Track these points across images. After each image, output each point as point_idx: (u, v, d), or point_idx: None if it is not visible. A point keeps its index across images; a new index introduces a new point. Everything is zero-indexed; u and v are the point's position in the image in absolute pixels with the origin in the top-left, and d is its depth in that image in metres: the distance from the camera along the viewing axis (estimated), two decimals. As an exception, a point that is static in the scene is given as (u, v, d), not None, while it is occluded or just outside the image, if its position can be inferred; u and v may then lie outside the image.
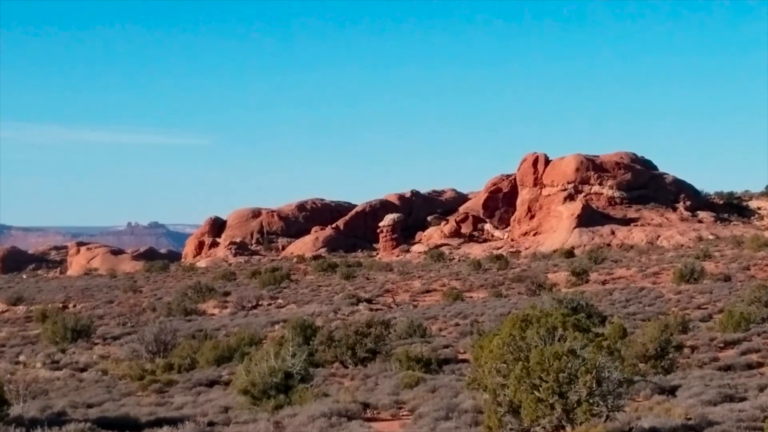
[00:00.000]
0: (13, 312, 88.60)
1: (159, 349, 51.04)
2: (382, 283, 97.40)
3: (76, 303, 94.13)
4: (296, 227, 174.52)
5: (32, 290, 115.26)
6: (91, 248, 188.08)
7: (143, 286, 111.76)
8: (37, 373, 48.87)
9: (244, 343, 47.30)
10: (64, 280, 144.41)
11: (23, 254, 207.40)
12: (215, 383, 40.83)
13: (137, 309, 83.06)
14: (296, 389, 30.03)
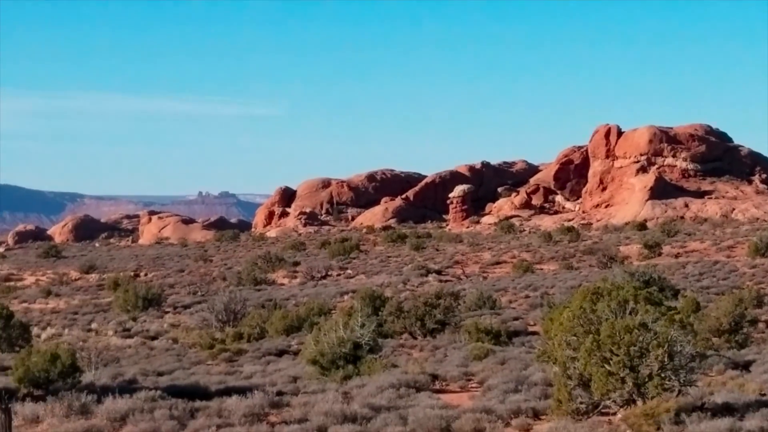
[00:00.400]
0: (86, 280, 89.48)
1: (229, 318, 51.26)
2: (451, 254, 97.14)
3: (147, 272, 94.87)
4: (366, 198, 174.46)
5: (104, 259, 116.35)
6: (162, 217, 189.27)
7: (213, 256, 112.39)
8: (109, 340, 49.31)
9: (313, 313, 47.37)
10: (136, 249, 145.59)
11: (96, 223, 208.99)
12: (284, 353, 40.93)
13: (207, 278, 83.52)
14: (365, 360, 29.97)
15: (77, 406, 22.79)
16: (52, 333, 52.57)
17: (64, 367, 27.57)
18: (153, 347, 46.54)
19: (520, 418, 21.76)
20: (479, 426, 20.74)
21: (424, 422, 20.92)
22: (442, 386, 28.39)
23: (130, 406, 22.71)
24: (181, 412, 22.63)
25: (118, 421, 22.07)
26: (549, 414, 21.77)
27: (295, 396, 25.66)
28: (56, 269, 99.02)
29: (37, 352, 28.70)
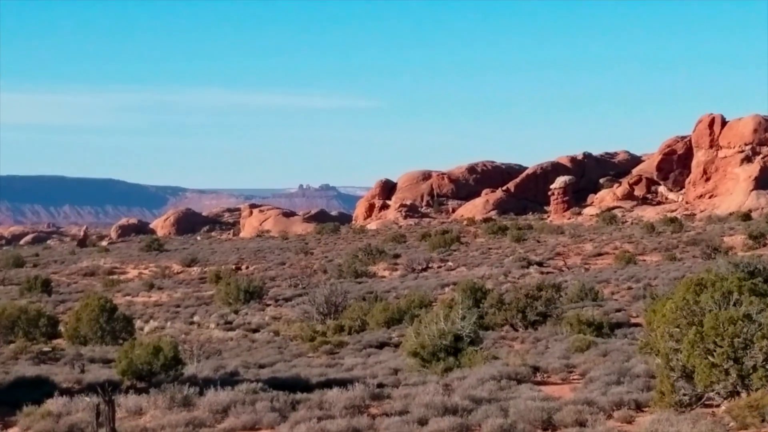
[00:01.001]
0: (188, 273, 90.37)
1: (330, 310, 51.43)
2: (553, 246, 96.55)
3: (248, 264, 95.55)
4: (466, 190, 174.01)
5: (206, 252, 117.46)
6: (263, 210, 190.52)
7: (314, 248, 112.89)
8: (211, 333, 49.72)
9: (413, 305, 47.35)
10: (237, 242, 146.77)
11: (197, 216, 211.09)
12: (385, 345, 40.96)
13: (308, 271, 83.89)
14: (466, 352, 29.86)
15: (180, 398, 23.00)
16: (155, 326, 53.15)
17: (166, 359, 27.85)
18: (254, 340, 46.84)
19: (622, 410, 21.51)
20: (581, 418, 20.54)
21: (525, 414, 20.78)
22: (544, 378, 28.18)
23: (232, 399, 22.87)
24: (283, 404, 22.73)
25: (220, 413, 22.23)
26: (651, 406, 21.48)
27: (395, 388, 25.64)
28: (158, 262, 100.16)
29: (140, 344, 29.03)
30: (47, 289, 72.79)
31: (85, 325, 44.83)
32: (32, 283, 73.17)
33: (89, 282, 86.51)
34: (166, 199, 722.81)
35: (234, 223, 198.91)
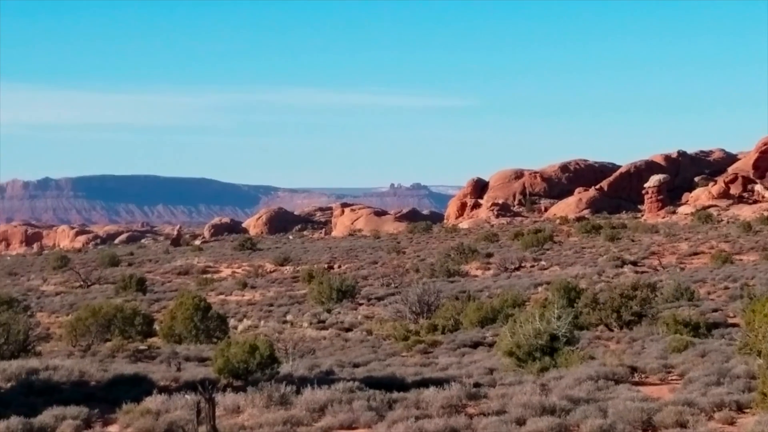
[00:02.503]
0: (281, 272, 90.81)
1: (422, 310, 51.34)
2: (647, 245, 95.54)
3: (341, 263, 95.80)
4: (559, 188, 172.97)
5: (298, 251, 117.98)
6: (355, 209, 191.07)
7: (406, 247, 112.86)
8: (304, 332, 49.90)
9: (507, 304, 47.13)
10: (329, 241, 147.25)
11: (289, 215, 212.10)
12: (479, 344, 40.79)
13: (400, 270, 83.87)
14: (562, 351, 29.60)
15: (277, 396, 23.05)
16: (249, 324, 53.49)
17: (262, 358, 27.93)
18: (347, 339, 46.93)
19: (723, 412, 21.20)
20: (681, 419, 20.25)
21: (624, 415, 20.54)
22: (641, 378, 27.82)
23: (329, 397, 22.87)
24: (379, 403, 22.68)
25: (317, 411, 22.24)
26: (753, 408, 21.15)
27: (492, 388, 25.48)
28: (251, 261, 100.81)
29: (236, 343, 29.16)
30: (142, 287, 73.64)
31: (179, 323, 45.22)
32: (127, 281, 74.07)
33: (183, 281, 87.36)
34: (258, 198, 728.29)
35: (326, 222, 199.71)
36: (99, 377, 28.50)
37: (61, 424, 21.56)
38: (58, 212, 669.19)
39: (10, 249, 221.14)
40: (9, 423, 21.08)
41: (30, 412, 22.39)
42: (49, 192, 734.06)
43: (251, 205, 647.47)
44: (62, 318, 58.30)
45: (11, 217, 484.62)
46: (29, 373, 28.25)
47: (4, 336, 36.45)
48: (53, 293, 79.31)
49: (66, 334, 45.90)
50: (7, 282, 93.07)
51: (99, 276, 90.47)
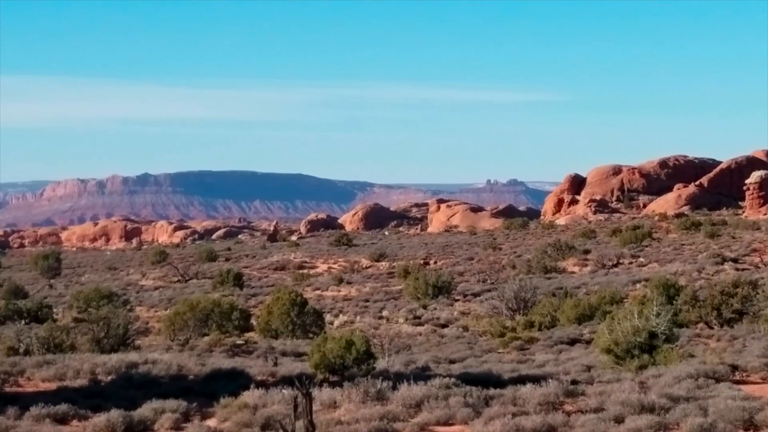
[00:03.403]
0: (377, 268, 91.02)
1: (519, 306, 51.08)
2: (748, 242, 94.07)
3: (436, 259, 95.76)
4: (658, 184, 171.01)
5: (394, 246, 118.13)
6: (450, 205, 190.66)
7: (503, 244, 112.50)
8: (400, 327, 49.92)
9: (605, 301, 46.71)
10: (425, 237, 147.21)
11: (385, 211, 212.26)
12: (576, 341, 40.48)
13: (497, 266, 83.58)
14: (661, 349, 29.22)
15: (373, 392, 23.04)
16: (344, 320, 53.65)
17: (358, 353, 27.95)
18: (443, 335, 46.84)
19: (827, 411, 20.78)
20: (785, 419, 19.89)
21: (725, 413, 20.22)
22: (743, 377, 27.36)
23: (425, 393, 22.81)
24: (476, 399, 22.58)
25: (413, 407, 22.20)
26: None
27: (589, 385, 25.25)
28: (347, 257, 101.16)
29: (332, 338, 29.21)
30: (239, 282, 74.26)
31: (276, 318, 45.47)
32: (225, 276, 74.74)
33: (280, 276, 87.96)
34: (354, 194, 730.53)
35: (422, 218, 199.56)
36: (197, 371, 28.74)
37: (160, 417, 21.77)
38: (157, 208, 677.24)
39: (110, 244, 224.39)
40: (109, 416, 21.33)
41: (130, 405, 22.65)
42: (148, 188, 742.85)
43: (347, 201, 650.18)
44: (161, 312, 59.01)
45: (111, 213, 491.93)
46: (129, 367, 28.59)
47: (105, 330, 36.96)
48: (152, 288, 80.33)
49: (164, 329, 46.47)
50: (107, 276, 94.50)
51: (197, 271, 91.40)
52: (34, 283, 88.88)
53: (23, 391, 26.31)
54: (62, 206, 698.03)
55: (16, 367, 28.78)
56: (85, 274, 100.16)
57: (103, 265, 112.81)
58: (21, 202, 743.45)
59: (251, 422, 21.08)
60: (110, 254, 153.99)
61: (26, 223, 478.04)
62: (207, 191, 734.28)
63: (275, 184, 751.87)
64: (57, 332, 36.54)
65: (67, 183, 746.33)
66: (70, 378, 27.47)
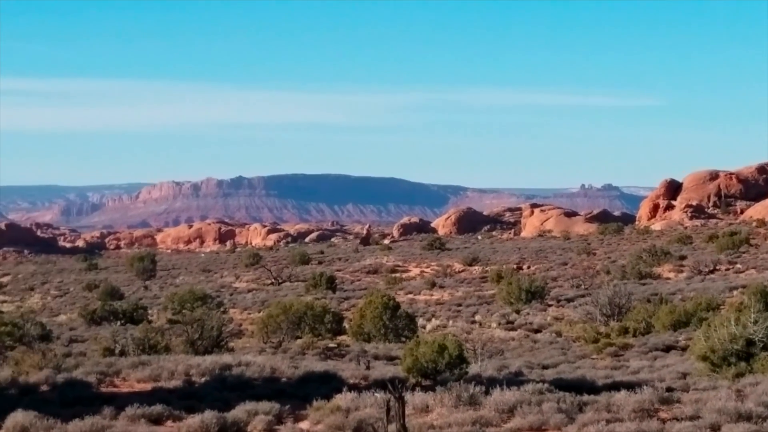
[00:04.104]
0: (469, 272, 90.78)
1: (613, 312, 50.59)
2: None
3: (530, 264, 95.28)
4: (756, 190, 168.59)
5: (487, 251, 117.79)
6: (544, 210, 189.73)
7: (597, 249, 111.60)
8: (493, 332, 49.71)
9: (701, 308, 46.10)
10: (518, 242, 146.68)
11: (478, 215, 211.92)
12: (671, 348, 40.05)
13: (591, 271, 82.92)
14: (758, 357, 28.76)
15: (465, 396, 22.95)
16: (437, 324, 53.57)
17: (451, 358, 27.88)
18: (536, 340, 46.58)
19: None
20: None
21: (825, 424, 19.84)
22: (843, 387, 26.83)
23: (518, 399, 22.67)
24: (569, 405, 22.39)
25: (506, 412, 22.07)
26: None
27: (685, 392, 24.92)
28: (440, 261, 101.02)
29: (424, 342, 29.16)
30: (332, 286, 74.50)
31: (368, 322, 45.54)
32: (318, 279, 75.01)
33: (372, 279, 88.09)
34: (447, 198, 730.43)
35: (515, 222, 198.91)
36: (290, 374, 28.86)
37: (254, 419, 21.87)
38: (251, 210, 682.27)
39: (204, 246, 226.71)
40: (203, 417, 21.48)
41: (223, 406, 22.80)
42: (242, 190, 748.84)
43: (440, 205, 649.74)
44: (254, 315, 59.39)
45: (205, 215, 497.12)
46: (222, 369, 28.80)
47: (199, 331, 37.28)
48: (245, 290, 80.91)
49: (257, 331, 46.75)
50: (202, 278, 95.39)
51: (290, 274, 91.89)
52: (130, 284, 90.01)
53: (119, 391, 26.63)
54: (157, 208, 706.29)
55: (112, 367, 29.18)
56: (179, 276, 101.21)
57: (197, 267, 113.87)
58: (117, 204, 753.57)
59: (344, 425, 21.09)
60: (204, 256, 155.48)
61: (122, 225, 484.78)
62: (300, 194, 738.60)
63: (369, 187, 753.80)
64: (152, 333, 36.96)
65: (162, 185, 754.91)
66: (164, 379, 27.75)
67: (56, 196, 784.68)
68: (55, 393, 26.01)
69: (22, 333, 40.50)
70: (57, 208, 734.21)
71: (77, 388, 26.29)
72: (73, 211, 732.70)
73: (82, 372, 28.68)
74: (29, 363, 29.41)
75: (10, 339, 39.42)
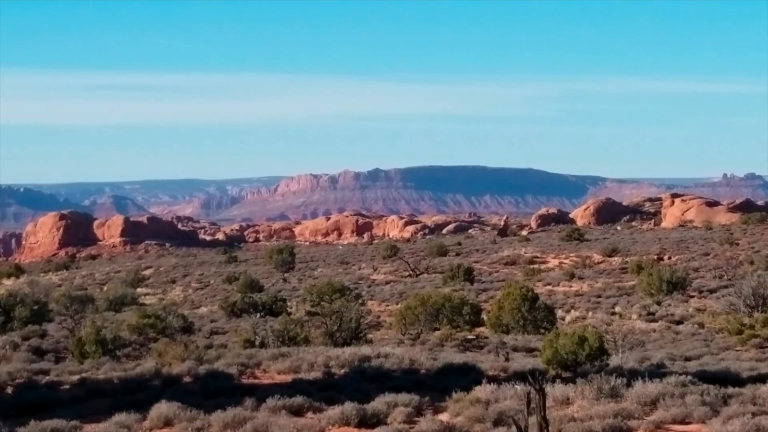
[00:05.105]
0: (609, 263, 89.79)
1: (757, 303, 49.53)
2: None
3: (670, 255, 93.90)
4: None
5: (627, 242, 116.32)
6: (685, 200, 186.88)
7: (740, 239, 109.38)
8: (633, 324, 49.12)
9: None
10: (659, 232, 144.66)
11: (617, 206, 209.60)
12: (819, 340, 39.08)
13: (734, 262, 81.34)
14: None
15: (607, 389, 22.67)
16: (576, 316, 53.12)
17: (591, 349, 27.60)
18: (678, 332, 45.91)
19: None
20: None
21: None
22: None
23: (660, 391, 22.32)
24: (713, 398, 21.97)
25: (648, 405, 21.75)
26: None
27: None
28: (579, 252, 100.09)
29: (564, 334, 28.91)
30: (470, 277, 74.31)
31: (507, 313, 45.35)
32: (455, 271, 74.87)
33: (510, 271, 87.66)
34: (585, 189, 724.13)
35: (655, 212, 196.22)
36: (428, 366, 28.85)
37: (393, 411, 21.88)
38: (388, 202, 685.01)
39: (342, 238, 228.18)
40: (343, 408, 21.58)
41: (363, 398, 22.86)
42: (378, 182, 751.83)
43: (578, 196, 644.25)
44: (392, 306, 59.56)
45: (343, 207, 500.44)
46: (361, 361, 28.91)
47: (338, 323, 37.49)
48: (383, 282, 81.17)
49: (396, 323, 46.88)
50: (340, 270, 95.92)
51: (427, 265, 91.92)
52: (269, 276, 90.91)
53: (260, 382, 26.90)
54: (295, 201, 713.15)
55: (253, 359, 29.51)
56: (317, 268, 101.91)
57: (335, 260, 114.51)
58: (256, 197, 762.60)
59: (483, 417, 20.98)
60: (342, 248, 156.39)
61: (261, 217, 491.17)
62: (437, 186, 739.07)
63: (505, 178, 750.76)
64: (291, 325, 37.27)
65: (300, 178, 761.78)
66: (304, 370, 27.97)
67: (196, 190, 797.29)
68: (198, 384, 26.39)
69: (164, 325, 41.25)
70: (197, 202, 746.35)
71: (219, 380, 26.64)
72: (213, 205, 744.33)
73: (223, 363, 29.06)
74: (172, 354, 29.91)
75: (153, 331, 40.20)
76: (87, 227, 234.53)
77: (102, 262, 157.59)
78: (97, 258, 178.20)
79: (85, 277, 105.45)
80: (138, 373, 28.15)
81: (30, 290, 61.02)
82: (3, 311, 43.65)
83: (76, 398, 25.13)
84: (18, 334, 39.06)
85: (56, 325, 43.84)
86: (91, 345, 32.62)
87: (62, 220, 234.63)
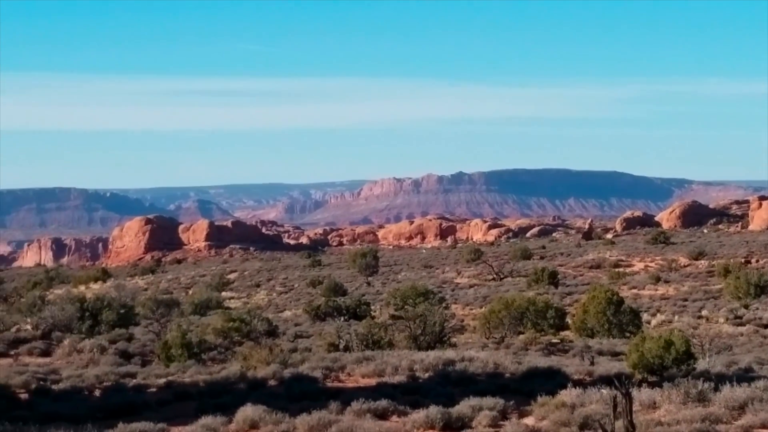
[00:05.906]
0: (695, 266, 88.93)
1: None
2: None
3: (758, 258, 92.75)
4: None
5: (713, 244, 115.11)
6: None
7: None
8: (720, 327, 48.62)
9: None
10: (746, 235, 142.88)
11: (704, 208, 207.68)
12: None
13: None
14: None
15: (694, 393, 22.46)
16: (662, 319, 52.66)
17: (678, 353, 27.36)
18: (766, 335, 45.38)
19: None
20: None
21: None
22: None
23: (749, 395, 22.06)
24: (803, 403, 21.67)
25: (736, 409, 21.49)
26: None
27: None
28: (665, 255, 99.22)
29: (650, 338, 28.68)
30: (554, 281, 73.98)
31: (592, 317, 45.07)
32: (539, 275, 74.59)
33: (595, 274, 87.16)
34: (671, 192, 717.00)
35: (742, 215, 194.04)
36: (513, 369, 28.77)
37: (478, 414, 21.86)
38: (471, 206, 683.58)
39: (425, 242, 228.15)
40: (428, 412, 21.60)
41: (447, 402, 22.87)
42: (462, 186, 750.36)
43: (664, 199, 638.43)
44: (476, 310, 59.44)
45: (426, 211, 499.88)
46: (446, 364, 28.91)
47: (421, 327, 37.51)
48: (467, 285, 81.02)
49: (480, 326, 46.77)
50: (423, 274, 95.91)
51: (511, 269, 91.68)
52: (353, 280, 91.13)
53: (344, 386, 26.99)
54: (379, 205, 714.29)
55: (337, 362, 29.62)
56: (401, 272, 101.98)
57: (418, 263, 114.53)
58: (339, 201, 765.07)
59: (569, 421, 20.87)
60: (425, 252, 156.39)
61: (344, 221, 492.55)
62: (521, 189, 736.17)
63: (590, 181, 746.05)
64: (375, 329, 37.35)
65: (383, 182, 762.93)
66: (388, 374, 28.02)
67: (280, 194, 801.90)
68: (283, 387, 26.54)
69: (249, 329, 41.49)
70: (281, 206, 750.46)
71: (304, 383, 26.77)
72: (296, 209, 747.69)
73: (308, 367, 29.20)
74: (257, 358, 30.11)
75: (238, 334, 40.46)
76: (172, 231, 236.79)
77: (187, 266, 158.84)
78: (183, 262, 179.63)
79: (171, 281, 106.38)
80: (223, 376, 28.38)
81: (117, 294, 61.57)
82: (90, 315, 44.12)
83: (163, 401, 25.40)
84: (105, 338, 39.48)
85: (142, 329, 44.28)
86: (177, 348, 32.93)
87: (148, 224, 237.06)
